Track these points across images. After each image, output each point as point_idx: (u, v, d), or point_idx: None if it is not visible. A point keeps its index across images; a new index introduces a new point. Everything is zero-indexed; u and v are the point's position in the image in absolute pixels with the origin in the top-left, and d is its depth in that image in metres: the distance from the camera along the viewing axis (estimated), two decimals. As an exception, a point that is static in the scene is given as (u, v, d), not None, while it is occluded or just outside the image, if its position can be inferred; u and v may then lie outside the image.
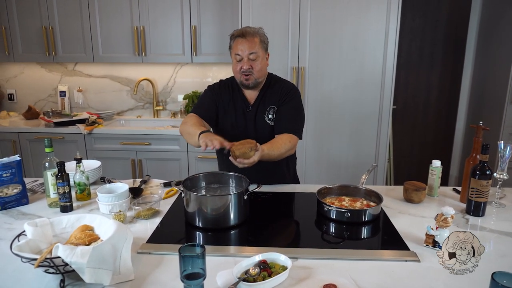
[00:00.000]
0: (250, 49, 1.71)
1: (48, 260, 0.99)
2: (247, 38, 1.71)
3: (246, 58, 1.72)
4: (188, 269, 0.97)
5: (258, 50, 1.73)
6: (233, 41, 1.76)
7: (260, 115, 1.84)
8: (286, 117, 1.81)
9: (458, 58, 3.66)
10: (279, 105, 1.83)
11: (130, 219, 1.47)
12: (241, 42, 1.72)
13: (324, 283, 1.04)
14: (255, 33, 1.74)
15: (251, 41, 1.71)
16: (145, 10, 3.10)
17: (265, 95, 1.85)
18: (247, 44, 1.71)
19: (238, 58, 1.74)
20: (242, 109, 1.85)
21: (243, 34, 1.72)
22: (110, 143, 3.08)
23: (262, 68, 1.78)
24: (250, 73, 1.74)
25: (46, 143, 1.55)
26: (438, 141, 3.88)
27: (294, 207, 1.70)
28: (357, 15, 2.71)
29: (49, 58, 3.25)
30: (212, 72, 3.47)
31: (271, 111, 1.83)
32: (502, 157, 1.56)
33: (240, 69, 1.75)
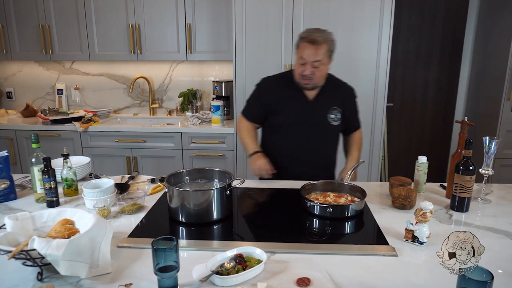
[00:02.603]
0: (315, 56, 1.71)
1: (24, 253, 1.01)
2: (315, 45, 1.70)
3: (310, 64, 1.72)
4: (161, 262, 0.98)
5: (323, 58, 1.73)
6: (301, 43, 1.74)
7: (322, 113, 1.87)
8: (353, 116, 2.01)
9: (455, 55, 3.64)
10: (344, 107, 1.91)
11: (115, 214, 1.48)
12: (309, 48, 1.71)
13: (298, 276, 1.04)
14: (324, 41, 1.71)
15: (318, 49, 1.70)
16: (140, 8, 3.11)
17: (326, 94, 1.88)
18: (313, 51, 1.70)
19: (301, 62, 1.74)
20: (301, 105, 1.86)
21: (313, 41, 1.70)
22: (106, 141, 3.10)
23: (323, 75, 1.80)
24: (310, 78, 1.76)
25: (33, 139, 1.56)
26: (435, 138, 3.87)
27: (279, 203, 1.70)
28: (350, 12, 2.70)
29: (46, 57, 3.28)
30: (208, 70, 3.48)
31: (335, 112, 1.88)
32: (487, 153, 1.55)
33: (302, 72, 1.75)
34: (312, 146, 1.89)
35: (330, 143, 1.98)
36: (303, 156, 1.90)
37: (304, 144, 1.89)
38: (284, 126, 1.89)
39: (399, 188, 1.52)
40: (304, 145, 1.89)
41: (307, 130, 1.87)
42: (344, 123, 1.95)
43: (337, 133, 1.99)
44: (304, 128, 1.87)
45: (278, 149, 1.93)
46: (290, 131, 1.88)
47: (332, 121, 1.88)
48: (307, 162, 1.91)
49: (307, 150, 1.89)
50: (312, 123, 1.86)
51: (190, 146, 3.06)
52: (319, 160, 1.94)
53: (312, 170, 1.90)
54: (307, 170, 1.89)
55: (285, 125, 1.88)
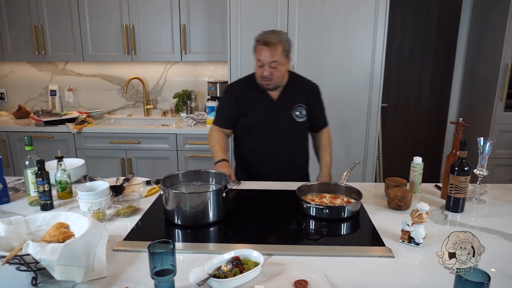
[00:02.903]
0: (272, 57, 1.77)
1: (19, 258, 0.99)
2: (270, 47, 1.76)
3: (268, 65, 1.78)
4: (158, 266, 0.97)
5: (279, 58, 1.78)
6: (257, 46, 1.81)
7: (286, 110, 1.92)
8: (319, 113, 2.05)
9: (449, 56, 3.67)
10: (308, 103, 1.95)
11: (110, 217, 1.47)
12: (264, 50, 1.77)
13: (296, 279, 1.04)
14: (278, 42, 1.77)
15: (273, 50, 1.76)
16: (134, 8, 3.09)
17: (290, 92, 1.93)
18: (269, 53, 1.76)
19: (260, 64, 1.81)
20: (266, 105, 1.92)
21: (267, 43, 1.76)
22: (100, 142, 3.08)
23: (282, 74, 1.86)
24: (270, 79, 1.82)
25: (26, 141, 1.55)
26: (429, 138, 3.89)
27: (276, 205, 1.70)
28: (345, 13, 2.71)
29: (39, 57, 3.25)
30: (203, 71, 3.47)
31: (299, 108, 1.93)
32: (481, 153, 1.56)
33: (261, 74, 1.82)
34: (281, 144, 1.95)
35: (299, 140, 2.03)
36: (273, 155, 1.96)
37: (273, 143, 1.94)
38: (252, 127, 1.95)
39: (395, 189, 1.52)
40: (273, 144, 1.95)
41: (274, 129, 1.93)
42: (310, 119, 2.00)
43: (305, 130, 2.04)
44: (271, 127, 1.92)
45: (249, 150, 2.00)
46: (258, 132, 1.94)
47: (297, 118, 1.93)
48: (278, 161, 1.96)
49: (276, 149, 1.95)
50: (278, 121, 1.92)
51: (185, 147, 3.04)
52: (290, 158, 1.99)
53: (284, 168, 1.97)
54: (279, 168, 1.96)
55: (253, 126, 1.95)
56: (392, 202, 1.51)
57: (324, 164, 2.08)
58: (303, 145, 2.07)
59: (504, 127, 3.12)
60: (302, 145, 2.06)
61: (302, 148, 2.07)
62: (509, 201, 1.62)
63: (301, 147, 2.06)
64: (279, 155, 1.96)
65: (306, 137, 2.08)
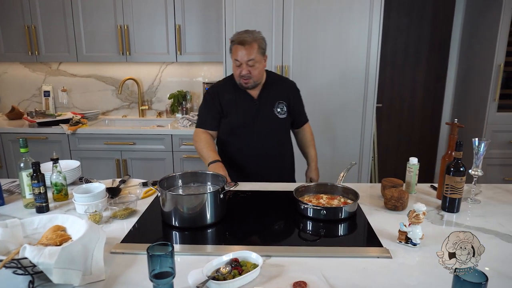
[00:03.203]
0: (248, 56, 1.79)
1: (15, 261, 0.98)
2: (246, 46, 1.79)
3: (245, 64, 1.81)
4: (156, 269, 0.97)
5: (256, 56, 1.81)
6: (233, 47, 1.84)
7: (268, 108, 1.95)
8: (300, 110, 2.10)
9: (442, 56, 3.70)
10: (289, 99, 1.99)
11: (107, 219, 1.46)
12: (240, 49, 1.80)
13: (295, 280, 1.04)
14: (253, 40, 1.81)
15: (249, 48, 1.79)
16: (129, 9, 3.08)
17: (269, 89, 1.96)
18: (245, 51, 1.79)
19: (237, 64, 1.84)
20: (248, 104, 1.94)
21: (242, 42, 1.79)
22: (94, 143, 3.05)
23: (260, 72, 1.88)
24: (248, 77, 1.85)
25: (21, 143, 1.53)
26: (423, 139, 3.92)
27: (273, 206, 1.70)
28: (340, 13, 2.72)
29: (32, 58, 3.22)
30: (197, 71, 3.46)
31: (281, 105, 1.97)
32: (476, 154, 1.57)
33: (239, 74, 1.85)
34: (265, 142, 1.97)
35: (283, 137, 2.05)
36: (259, 153, 1.98)
37: (257, 141, 1.96)
38: (235, 127, 1.96)
39: (391, 190, 1.53)
40: (258, 142, 1.96)
41: (257, 127, 1.95)
42: (291, 116, 2.04)
43: (287, 126, 2.07)
44: (254, 125, 1.94)
45: (234, 150, 2.00)
46: (242, 131, 1.96)
47: (279, 114, 1.96)
48: (264, 158, 1.98)
49: (261, 147, 1.97)
50: (260, 119, 1.94)
51: (181, 148, 3.04)
52: (276, 155, 2.02)
53: (271, 165, 2.00)
54: (267, 166, 1.99)
55: (236, 126, 1.96)
56: (389, 202, 1.52)
57: (311, 159, 2.15)
58: (287, 141, 2.10)
59: (497, 127, 3.16)
60: (286, 142, 2.09)
61: (287, 145, 2.10)
62: (504, 201, 1.64)
63: (286, 144, 2.09)
64: (265, 153, 1.98)
65: (289, 134, 2.12)
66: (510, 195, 1.70)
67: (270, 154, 2.00)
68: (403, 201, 1.50)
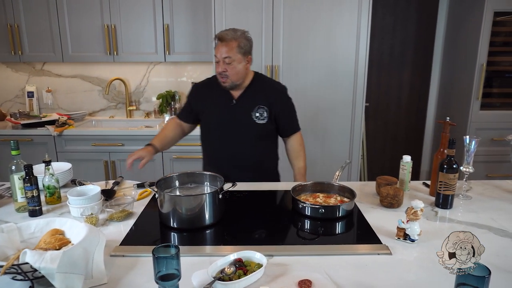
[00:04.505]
0: (226, 53, 1.75)
1: (16, 267, 0.96)
2: (224, 42, 1.76)
3: (222, 61, 1.77)
4: (162, 270, 0.96)
5: (233, 54, 1.75)
6: (215, 43, 1.81)
7: (246, 111, 1.87)
8: (287, 117, 1.97)
9: (427, 56, 3.78)
10: (271, 105, 1.88)
11: (103, 222, 1.44)
12: (220, 45, 1.77)
13: (299, 279, 1.05)
14: (233, 38, 1.76)
15: (227, 45, 1.75)
16: (116, 8, 3.03)
17: (251, 92, 1.89)
18: (223, 48, 1.75)
19: (216, 60, 1.80)
20: (226, 104, 1.89)
21: (222, 38, 1.76)
22: (82, 145, 3.00)
23: (239, 72, 1.80)
24: (225, 76, 1.79)
25: (12, 145, 1.49)
26: (409, 137, 3.99)
27: (270, 205, 1.71)
28: (329, 13, 2.75)
29: (15, 58, 3.13)
30: (186, 71, 3.43)
31: (261, 110, 1.87)
32: (467, 151, 1.62)
33: (217, 70, 1.82)
34: (242, 145, 1.90)
35: (263, 143, 1.94)
36: (235, 156, 1.91)
37: (233, 143, 1.90)
38: (211, 126, 1.94)
39: (387, 188, 1.56)
40: (233, 144, 1.90)
41: (234, 129, 1.89)
42: (275, 123, 1.93)
43: (268, 132, 1.94)
44: (230, 127, 1.89)
45: (212, 151, 1.99)
46: (218, 131, 1.92)
47: (257, 119, 1.87)
48: (240, 163, 1.91)
49: (237, 150, 1.90)
50: (237, 122, 1.88)
51: (171, 149, 2.98)
52: (253, 161, 1.93)
53: (248, 170, 1.91)
54: (243, 170, 1.89)
55: (212, 125, 1.93)
56: (385, 200, 1.54)
57: (298, 171, 2.02)
58: (269, 148, 1.99)
59: (481, 125, 3.24)
60: (266, 149, 1.98)
61: (267, 152, 1.99)
62: (494, 196, 1.69)
63: (266, 151, 1.98)
64: (241, 157, 1.90)
65: (272, 141, 2.00)
66: (499, 191, 1.76)
67: (246, 159, 1.91)
68: (399, 199, 1.53)
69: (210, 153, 2.00)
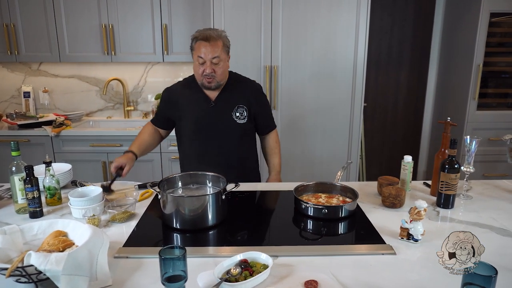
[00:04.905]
0: (213, 53, 1.70)
1: (20, 269, 0.95)
2: (211, 42, 1.70)
3: (209, 62, 1.72)
4: (169, 272, 0.96)
5: (220, 54, 1.72)
6: (195, 43, 1.74)
7: (226, 112, 1.84)
8: (264, 115, 1.96)
9: (424, 57, 3.80)
10: (250, 104, 1.87)
11: (105, 223, 1.43)
12: (205, 46, 1.70)
13: (305, 279, 1.05)
14: (218, 37, 1.73)
15: (214, 45, 1.70)
16: (113, 7, 3.01)
17: (229, 92, 1.85)
18: (210, 48, 1.70)
19: (200, 61, 1.73)
20: (204, 106, 1.83)
21: (207, 38, 1.70)
22: (80, 145, 2.98)
23: (224, 71, 1.79)
24: (212, 77, 1.74)
25: (13, 146, 1.47)
26: (406, 138, 4.01)
27: (272, 205, 1.71)
28: (328, 14, 2.75)
29: (12, 58, 3.10)
30: (183, 72, 3.42)
31: (240, 109, 1.85)
32: (468, 151, 1.63)
33: (203, 72, 1.74)
34: (224, 147, 1.86)
35: (243, 143, 1.93)
36: (217, 159, 1.85)
37: (215, 146, 1.85)
38: (191, 131, 1.86)
39: (389, 188, 1.56)
40: (215, 147, 1.86)
41: (214, 131, 1.84)
42: (253, 121, 1.92)
43: (248, 132, 1.93)
44: (211, 129, 1.84)
45: (192, 156, 1.90)
46: (199, 135, 1.85)
47: (237, 119, 1.85)
48: (224, 165, 1.80)
49: (220, 152, 1.86)
50: (217, 123, 1.84)
51: (169, 149, 3.00)
52: (236, 161, 1.89)
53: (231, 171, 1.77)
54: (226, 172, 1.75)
55: (192, 129, 1.85)
56: (387, 200, 1.55)
57: (272, 168, 2.02)
58: (250, 147, 1.98)
59: (477, 125, 3.26)
60: (248, 148, 1.97)
61: (249, 151, 1.98)
62: (494, 196, 1.70)
63: (248, 150, 1.97)
64: (224, 159, 1.86)
65: (252, 139, 1.99)
66: (499, 191, 1.77)
67: (229, 161, 1.87)
68: (401, 199, 1.54)
69: (190, 156, 1.90)
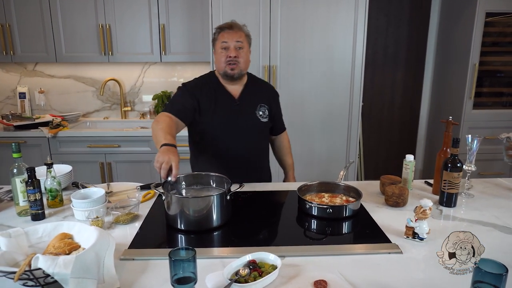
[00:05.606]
0: (237, 37, 1.74)
1: (28, 273, 0.93)
2: (235, 29, 1.75)
3: (233, 46, 1.73)
4: (179, 273, 0.95)
5: (244, 41, 1.77)
6: (219, 33, 1.77)
7: (250, 110, 1.85)
8: (279, 116, 2.02)
9: (420, 56, 3.82)
10: (270, 104, 1.92)
11: (109, 225, 1.42)
12: (229, 32, 1.74)
13: (314, 279, 1.05)
14: (241, 28, 1.79)
15: (238, 32, 1.76)
16: (110, 7, 2.99)
17: (251, 91, 1.87)
18: (234, 34, 1.74)
19: (224, 46, 1.74)
20: (229, 105, 1.82)
21: (231, 26, 1.75)
22: (77, 146, 2.95)
23: (246, 61, 1.80)
24: (236, 62, 1.74)
25: (14, 148, 1.45)
26: (403, 137, 4.04)
27: (275, 205, 1.71)
28: (326, 13, 2.76)
29: (7, 58, 3.06)
30: (181, 72, 3.41)
31: (263, 108, 1.88)
32: (470, 150, 1.64)
33: (226, 58, 1.73)
34: (247, 146, 1.86)
35: (263, 142, 1.96)
36: (239, 158, 1.83)
37: (239, 145, 1.83)
38: (215, 129, 1.80)
39: (392, 187, 1.57)
40: (239, 146, 1.83)
41: (239, 129, 1.82)
42: (272, 121, 1.95)
43: (267, 131, 1.97)
44: (236, 128, 1.81)
45: (213, 156, 1.84)
46: (223, 134, 1.81)
47: (261, 117, 1.86)
48: (244, 164, 1.84)
49: (240, 151, 1.84)
50: (242, 121, 1.82)
51: (168, 150, 2.97)
52: (255, 161, 1.92)
53: (250, 172, 1.87)
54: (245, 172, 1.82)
55: (216, 128, 1.80)
56: (390, 199, 1.56)
57: (289, 167, 2.11)
58: (266, 147, 2.00)
59: (473, 124, 3.29)
60: (265, 147, 1.99)
61: (265, 150, 2.00)
62: (496, 194, 1.72)
63: (265, 149, 1.99)
64: (245, 158, 1.85)
65: (267, 139, 2.02)
66: (499, 189, 1.79)
67: (250, 160, 1.87)
68: (404, 198, 1.54)
69: (212, 160, 1.84)
